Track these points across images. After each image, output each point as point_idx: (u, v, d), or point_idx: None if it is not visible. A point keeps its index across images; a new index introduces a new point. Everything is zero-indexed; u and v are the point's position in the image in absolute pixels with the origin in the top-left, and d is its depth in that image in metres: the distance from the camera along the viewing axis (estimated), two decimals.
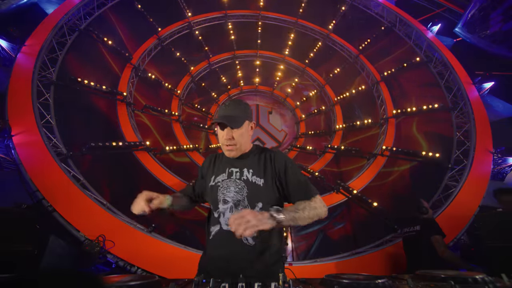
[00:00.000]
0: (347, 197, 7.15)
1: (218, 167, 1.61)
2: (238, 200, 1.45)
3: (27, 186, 4.54)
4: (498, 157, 6.50)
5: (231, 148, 1.50)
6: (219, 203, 1.49)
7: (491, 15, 7.82)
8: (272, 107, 13.64)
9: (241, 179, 1.49)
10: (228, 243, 1.41)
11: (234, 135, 1.48)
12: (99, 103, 7.48)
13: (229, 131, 1.47)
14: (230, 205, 1.45)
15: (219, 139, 1.55)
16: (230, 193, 1.47)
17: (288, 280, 1.11)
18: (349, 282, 1.08)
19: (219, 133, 1.53)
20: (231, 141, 1.49)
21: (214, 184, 1.56)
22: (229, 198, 1.47)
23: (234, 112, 1.50)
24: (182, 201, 1.69)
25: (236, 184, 1.48)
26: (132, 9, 8.75)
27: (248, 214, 1.14)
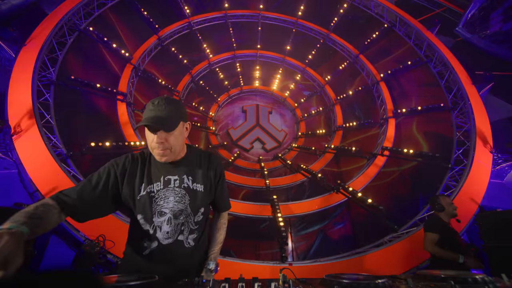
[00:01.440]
0: (347, 197, 7.16)
1: (148, 174, 1.38)
2: (179, 209, 1.35)
3: (27, 186, 4.54)
4: (498, 157, 6.51)
5: (164, 153, 1.32)
6: (154, 216, 1.33)
7: (491, 15, 7.82)
8: (272, 107, 13.64)
9: (181, 186, 1.38)
10: (171, 254, 1.36)
11: (168, 138, 1.31)
12: (99, 103, 7.48)
13: (161, 134, 1.29)
14: (168, 217, 1.33)
15: (148, 143, 1.34)
16: (168, 203, 1.34)
17: (288, 280, 1.11)
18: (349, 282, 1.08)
19: (148, 136, 1.32)
20: (164, 145, 1.31)
21: (145, 194, 1.33)
22: (166, 209, 1.33)
23: (166, 113, 1.30)
24: (46, 222, 1.06)
25: (176, 192, 1.36)
26: (132, 9, 8.75)
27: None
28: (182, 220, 1.37)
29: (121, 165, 1.39)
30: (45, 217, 1.05)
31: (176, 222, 1.35)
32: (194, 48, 10.91)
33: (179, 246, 1.36)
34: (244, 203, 7.17)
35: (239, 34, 11.41)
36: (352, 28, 10.66)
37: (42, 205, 1.09)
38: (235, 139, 12.35)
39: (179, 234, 1.36)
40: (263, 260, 5.26)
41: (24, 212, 0.99)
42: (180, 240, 1.37)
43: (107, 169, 1.37)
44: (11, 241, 0.79)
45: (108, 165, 1.40)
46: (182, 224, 1.37)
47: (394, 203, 7.45)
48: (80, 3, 7.08)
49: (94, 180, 1.31)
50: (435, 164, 6.96)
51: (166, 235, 1.33)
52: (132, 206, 1.35)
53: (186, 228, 1.38)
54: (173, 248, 1.35)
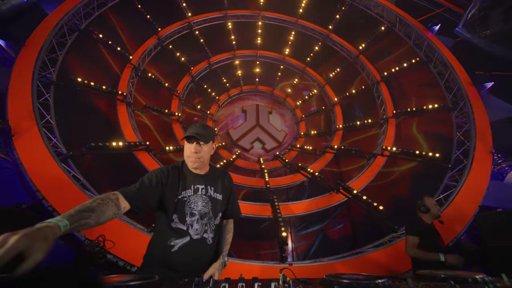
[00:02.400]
0: (347, 197, 7.15)
1: (183, 182, 1.70)
2: (204, 212, 1.68)
3: (27, 186, 4.54)
4: (498, 157, 6.50)
5: (196, 161, 1.69)
6: (187, 216, 1.63)
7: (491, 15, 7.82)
8: (272, 107, 13.64)
9: (206, 195, 1.72)
10: (195, 250, 1.63)
11: (201, 149, 1.70)
12: (99, 103, 7.48)
13: (197, 145, 1.68)
14: (197, 217, 1.65)
15: (185, 152, 1.73)
16: (197, 207, 1.66)
17: (288, 280, 1.11)
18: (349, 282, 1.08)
19: (187, 146, 1.71)
20: (197, 154, 1.68)
21: (180, 198, 1.64)
22: (196, 211, 1.65)
23: (203, 131, 1.70)
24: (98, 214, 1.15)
25: (203, 199, 1.70)
26: (132, 9, 8.75)
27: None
28: (206, 221, 1.68)
29: (166, 172, 1.69)
30: (98, 209, 1.16)
31: (202, 222, 1.66)
32: (194, 48, 10.91)
33: (203, 242, 1.66)
34: (244, 203, 7.17)
35: (239, 34, 11.41)
36: (352, 28, 10.66)
37: (101, 198, 1.24)
38: (235, 139, 12.34)
39: (204, 233, 1.66)
40: (263, 260, 5.26)
41: (80, 205, 1.12)
42: (205, 237, 1.67)
43: (155, 173, 1.65)
44: (30, 236, 0.82)
45: (156, 171, 1.67)
46: (206, 224, 1.68)
47: (394, 203, 7.45)
48: (80, 3, 7.08)
49: (148, 181, 1.58)
50: (435, 164, 6.96)
51: (196, 232, 1.63)
52: (170, 207, 1.62)
53: (209, 228, 1.69)
54: (199, 244, 1.64)
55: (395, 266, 5.05)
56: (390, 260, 5.16)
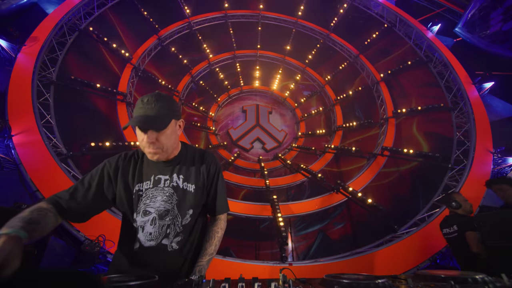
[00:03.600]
0: (347, 197, 7.15)
1: (140, 172, 1.35)
2: (166, 209, 1.29)
3: (27, 186, 4.54)
4: (498, 157, 6.50)
5: (156, 152, 1.27)
6: (138, 215, 1.28)
7: (491, 15, 7.82)
8: (272, 107, 13.64)
9: (170, 186, 1.33)
10: (152, 257, 1.28)
11: (159, 137, 1.25)
12: (99, 103, 7.48)
13: (151, 134, 1.23)
14: (153, 217, 1.27)
15: (139, 142, 1.28)
16: (155, 203, 1.29)
17: (288, 280, 1.10)
18: (349, 282, 1.08)
19: (139, 134, 1.26)
20: (155, 145, 1.25)
21: (134, 193, 1.31)
22: (152, 208, 1.28)
23: (156, 111, 1.23)
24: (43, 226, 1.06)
25: (164, 192, 1.31)
26: (132, 9, 8.75)
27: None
28: (168, 222, 1.29)
29: (114, 164, 1.36)
30: (42, 221, 1.05)
31: (161, 223, 1.28)
32: (194, 48, 10.91)
33: (161, 250, 1.28)
34: (244, 203, 7.17)
35: (239, 34, 11.41)
36: (352, 28, 10.66)
37: (38, 210, 1.08)
38: (235, 139, 12.34)
39: (164, 238, 1.28)
40: (263, 260, 5.26)
41: (20, 218, 0.98)
42: (165, 244, 1.28)
43: (100, 169, 1.34)
44: (9, 244, 0.82)
45: (102, 165, 1.37)
46: (168, 226, 1.29)
47: (394, 203, 7.45)
48: (80, 3, 7.08)
49: (86, 182, 1.30)
50: (435, 164, 6.96)
51: (149, 237, 1.27)
52: (125, 204, 1.31)
53: (172, 230, 1.30)
54: (154, 252, 1.27)
55: (395, 266, 5.05)
56: (390, 260, 5.16)
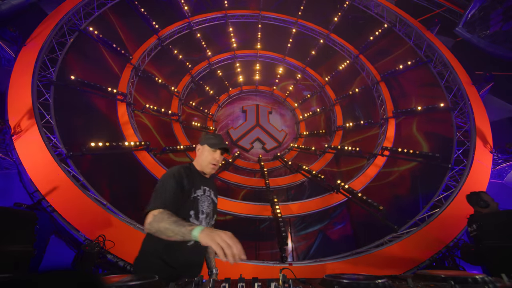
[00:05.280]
0: (347, 197, 7.15)
1: (194, 182, 1.82)
2: (208, 212, 1.81)
3: (27, 186, 4.54)
4: (498, 157, 6.50)
5: (215, 168, 1.91)
6: (199, 213, 1.76)
7: (491, 15, 7.81)
8: (272, 107, 13.64)
9: (210, 196, 1.88)
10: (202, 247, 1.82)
11: (221, 158, 1.95)
12: (99, 103, 7.48)
13: (221, 157, 1.93)
14: (205, 216, 1.79)
15: (210, 159, 1.89)
16: (204, 207, 1.80)
17: (288, 280, 1.11)
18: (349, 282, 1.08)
19: (213, 154, 1.89)
20: (219, 162, 1.92)
21: (196, 196, 1.78)
22: (204, 209, 1.80)
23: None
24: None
25: (208, 200, 1.84)
26: (132, 9, 8.75)
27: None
28: (208, 221, 1.82)
29: (182, 173, 1.77)
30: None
31: (206, 221, 1.81)
32: (194, 48, 10.91)
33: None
34: (244, 203, 7.17)
35: (239, 34, 11.41)
36: (352, 28, 10.66)
37: (175, 219, 1.42)
38: (235, 139, 12.34)
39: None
40: (263, 260, 5.26)
41: (180, 220, 1.38)
42: None
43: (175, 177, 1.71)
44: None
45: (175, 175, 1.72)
46: (208, 224, 1.83)
47: (394, 203, 7.46)
48: (80, 3, 7.08)
49: (177, 186, 1.68)
50: (435, 164, 6.96)
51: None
52: (188, 203, 1.73)
53: (210, 224, 1.86)
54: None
55: (395, 266, 5.05)
56: (390, 260, 5.16)
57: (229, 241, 1.14)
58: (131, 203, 6.74)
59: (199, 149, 1.97)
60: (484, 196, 3.34)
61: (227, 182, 8.76)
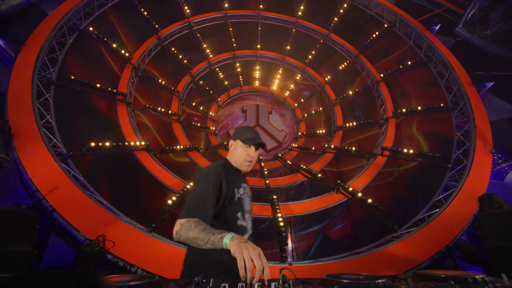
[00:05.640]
0: (347, 197, 7.15)
1: (235, 182, 1.71)
2: (250, 210, 1.75)
3: (27, 186, 4.54)
4: (498, 157, 6.50)
5: (252, 165, 1.78)
6: (245, 213, 1.70)
7: (491, 15, 7.81)
8: (272, 107, 13.64)
9: (248, 193, 1.81)
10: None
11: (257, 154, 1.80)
12: (99, 103, 7.48)
13: (257, 153, 1.77)
14: (248, 214, 1.73)
15: (244, 156, 1.74)
16: (247, 205, 1.74)
17: (288, 280, 1.10)
18: (349, 282, 1.08)
19: (248, 151, 1.74)
20: (255, 159, 1.77)
21: (239, 197, 1.70)
22: (248, 208, 1.75)
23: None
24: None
25: (248, 196, 1.78)
26: (132, 9, 8.75)
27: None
28: (250, 217, 1.76)
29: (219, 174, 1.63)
30: None
31: (250, 218, 1.75)
32: (194, 48, 10.91)
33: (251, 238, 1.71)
34: None
35: (239, 34, 11.41)
36: (352, 28, 10.66)
37: (204, 226, 1.37)
38: None
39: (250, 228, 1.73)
40: None
41: (209, 227, 1.32)
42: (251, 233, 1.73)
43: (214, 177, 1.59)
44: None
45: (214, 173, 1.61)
46: (249, 218, 1.76)
47: (394, 203, 7.46)
48: (80, 3, 7.08)
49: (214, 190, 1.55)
50: (435, 164, 6.96)
51: (250, 227, 1.73)
52: (233, 205, 1.63)
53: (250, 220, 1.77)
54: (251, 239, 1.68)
55: (395, 266, 5.05)
56: (390, 260, 5.16)
57: (255, 258, 1.06)
58: (131, 203, 6.74)
59: (232, 145, 1.80)
60: (496, 198, 3.38)
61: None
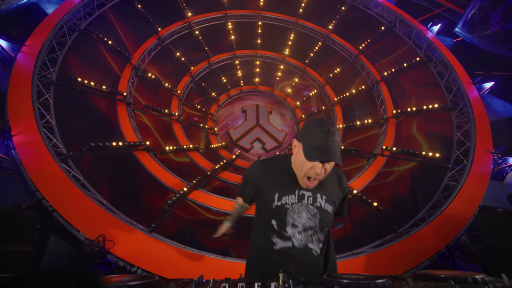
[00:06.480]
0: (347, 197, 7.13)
1: (283, 184, 1.42)
2: (309, 226, 1.40)
3: (27, 186, 4.54)
4: (498, 157, 6.50)
5: (315, 184, 1.35)
6: (287, 226, 1.39)
7: (491, 15, 7.82)
8: (272, 107, 13.64)
9: (314, 205, 1.40)
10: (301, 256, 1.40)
11: (329, 169, 1.30)
12: (99, 103, 7.48)
13: (329, 166, 1.28)
14: (299, 230, 1.40)
15: (305, 170, 1.30)
16: (301, 219, 1.38)
17: (288, 280, 1.10)
18: (349, 282, 1.08)
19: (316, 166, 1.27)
20: (321, 176, 1.30)
21: (280, 205, 1.39)
22: (299, 224, 1.39)
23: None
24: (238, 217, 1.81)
25: (309, 210, 1.39)
26: (132, 9, 8.75)
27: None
28: (311, 234, 1.41)
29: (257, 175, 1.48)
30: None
31: (306, 234, 1.40)
32: (194, 48, 10.91)
33: (308, 252, 1.41)
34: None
35: (239, 34, 11.41)
36: (352, 28, 10.66)
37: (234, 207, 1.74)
38: (235, 139, 12.34)
39: (309, 242, 1.41)
40: None
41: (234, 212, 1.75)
42: (310, 247, 1.41)
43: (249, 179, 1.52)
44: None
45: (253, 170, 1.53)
46: (311, 235, 1.42)
47: (394, 203, 7.44)
48: (80, 3, 7.08)
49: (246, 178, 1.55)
50: (435, 164, 6.96)
51: (299, 241, 1.40)
52: (268, 210, 1.43)
53: (315, 240, 1.42)
54: (303, 252, 1.40)
55: (395, 266, 5.05)
56: (390, 260, 5.16)
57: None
58: (131, 203, 6.73)
59: (295, 146, 1.36)
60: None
61: (227, 182, 8.75)
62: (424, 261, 5.02)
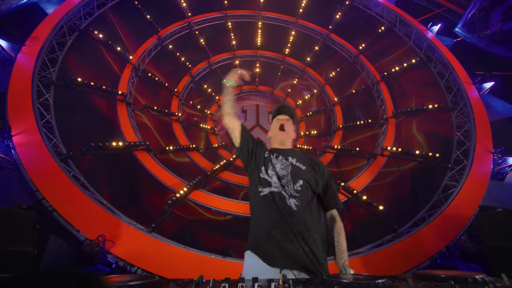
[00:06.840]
0: (347, 197, 7.15)
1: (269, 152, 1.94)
2: (282, 174, 1.76)
3: (27, 186, 4.54)
4: (498, 157, 6.50)
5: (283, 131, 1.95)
6: (269, 170, 1.80)
7: (491, 15, 7.82)
8: (272, 107, 13.64)
9: (287, 160, 1.83)
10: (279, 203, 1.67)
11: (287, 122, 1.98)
12: (99, 103, 7.48)
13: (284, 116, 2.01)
14: (277, 176, 1.77)
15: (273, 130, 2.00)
16: (277, 168, 1.80)
17: (288, 280, 1.11)
18: (349, 282, 1.08)
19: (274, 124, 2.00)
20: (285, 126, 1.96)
21: (267, 157, 1.88)
22: (275, 171, 1.80)
23: (288, 109, 2.07)
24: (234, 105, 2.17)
25: (282, 162, 1.82)
26: (132, 9, 8.75)
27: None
28: (285, 183, 1.73)
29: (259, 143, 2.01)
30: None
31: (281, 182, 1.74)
32: (194, 48, 10.90)
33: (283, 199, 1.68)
34: (245, 203, 7.17)
35: (239, 34, 11.41)
36: (352, 28, 10.66)
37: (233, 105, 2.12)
38: None
39: (283, 189, 1.71)
40: None
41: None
42: (284, 195, 1.69)
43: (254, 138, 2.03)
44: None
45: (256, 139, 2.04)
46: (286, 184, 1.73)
47: (394, 203, 7.45)
48: (80, 3, 7.08)
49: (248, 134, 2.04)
50: (435, 164, 6.96)
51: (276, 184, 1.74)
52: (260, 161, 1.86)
53: (288, 189, 1.71)
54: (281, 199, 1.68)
55: (395, 266, 5.05)
56: (390, 260, 5.16)
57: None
58: (131, 203, 6.74)
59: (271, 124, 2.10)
60: None
61: (227, 182, 8.75)
62: (424, 261, 5.03)
